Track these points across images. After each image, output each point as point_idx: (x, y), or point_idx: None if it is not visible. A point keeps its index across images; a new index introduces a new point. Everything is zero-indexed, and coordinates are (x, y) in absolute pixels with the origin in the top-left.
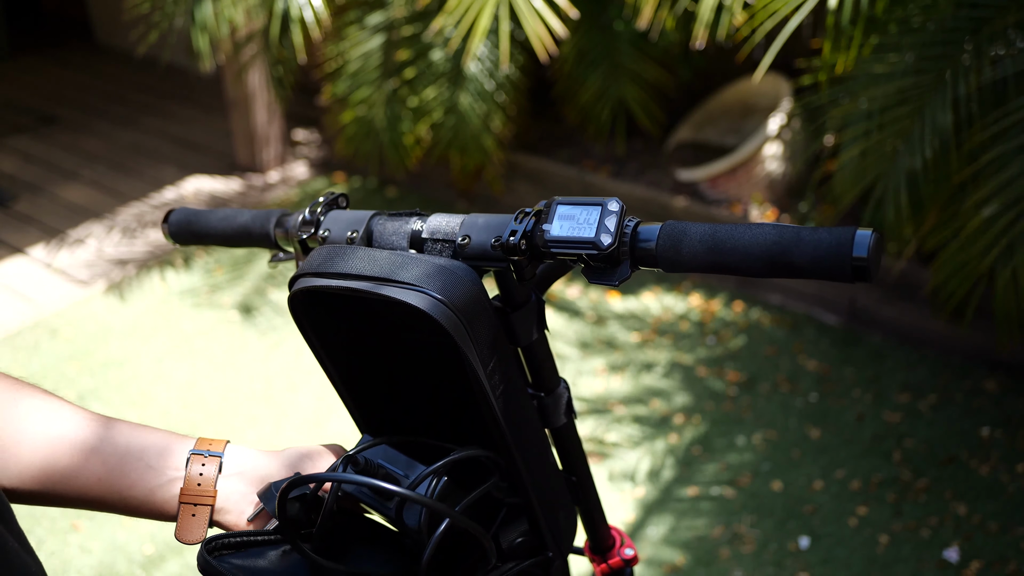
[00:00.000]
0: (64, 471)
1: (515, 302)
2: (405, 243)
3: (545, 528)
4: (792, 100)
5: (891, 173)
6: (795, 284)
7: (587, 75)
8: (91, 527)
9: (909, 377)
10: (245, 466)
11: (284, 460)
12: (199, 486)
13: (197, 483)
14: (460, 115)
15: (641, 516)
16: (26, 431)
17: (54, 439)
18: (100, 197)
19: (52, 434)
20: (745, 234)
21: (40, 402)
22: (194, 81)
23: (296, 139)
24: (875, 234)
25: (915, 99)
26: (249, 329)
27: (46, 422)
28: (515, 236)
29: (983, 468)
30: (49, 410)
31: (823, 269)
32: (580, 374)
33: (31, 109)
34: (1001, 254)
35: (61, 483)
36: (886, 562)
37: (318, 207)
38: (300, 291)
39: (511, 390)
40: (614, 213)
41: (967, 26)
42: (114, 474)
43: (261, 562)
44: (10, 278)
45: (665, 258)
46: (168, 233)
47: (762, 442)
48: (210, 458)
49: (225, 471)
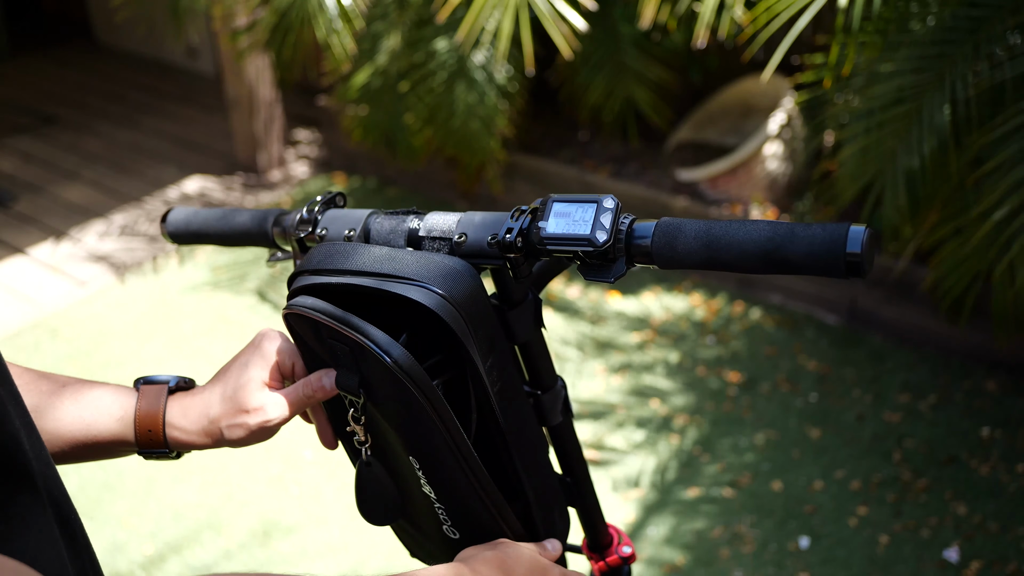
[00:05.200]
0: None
1: (512, 299)
2: (402, 241)
3: (540, 525)
4: (792, 99)
5: (890, 172)
6: (795, 284)
7: (593, 77)
8: (91, 527)
9: (909, 377)
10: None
11: (221, 378)
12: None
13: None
14: (463, 116)
15: (641, 516)
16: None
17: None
18: (100, 197)
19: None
20: (740, 230)
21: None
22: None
23: (296, 139)
24: (869, 230)
25: (913, 98)
26: (249, 329)
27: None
28: (511, 234)
29: (983, 468)
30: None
31: (817, 265)
32: (580, 375)
33: (31, 109)
34: (1000, 253)
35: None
36: (886, 562)
37: (315, 206)
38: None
39: (508, 388)
40: (609, 210)
41: (966, 26)
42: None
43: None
44: (10, 278)
45: (660, 255)
46: (166, 233)
47: (762, 442)
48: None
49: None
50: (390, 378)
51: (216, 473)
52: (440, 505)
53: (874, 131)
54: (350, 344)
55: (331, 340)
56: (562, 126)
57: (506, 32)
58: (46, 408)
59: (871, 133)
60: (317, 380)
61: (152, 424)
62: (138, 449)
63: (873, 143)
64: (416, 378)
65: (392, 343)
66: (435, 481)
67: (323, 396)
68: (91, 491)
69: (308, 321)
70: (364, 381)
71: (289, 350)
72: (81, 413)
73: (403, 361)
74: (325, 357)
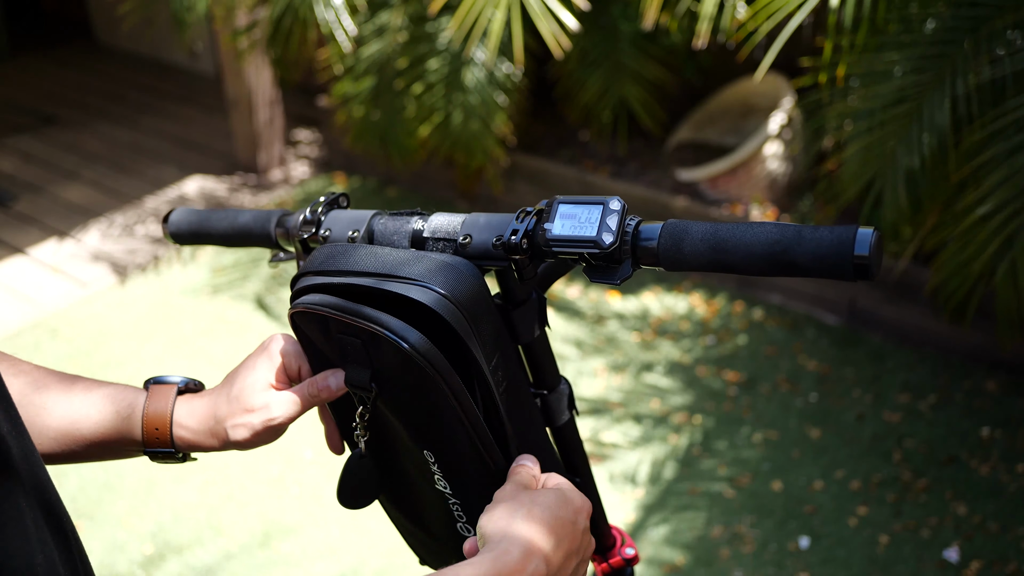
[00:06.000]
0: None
1: (516, 300)
2: (406, 242)
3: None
4: (792, 99)
5: (890, 172)
6: (795, 284)
7: (589, 75)
8: (91, 527)
9: (909, 377)
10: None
11: (225, 385)
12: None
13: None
14: (462, 116)
15: (641, 516)
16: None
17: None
18: (100, 197)
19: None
20: (747, 233)
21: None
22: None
23: (296, 139)
24: (877, 233)
25: (913, 98)
26: (250, 329)
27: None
28: (516, 235)
29: (983, 468)
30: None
31: (825, 268)
32: (580, 374)
33: (31, 109)
34: (999, 252)
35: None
36: (886, 562)
37: (319, 207)
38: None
39: (514, 388)
40: (616, 212)
41: (966, 25)
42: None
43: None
44: (10, 278)
45: (667, 257)
46: (168, 233)
47: (762, 442)
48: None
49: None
50: (406, 366)
51: (216, 473)
52: (455, 500)
53: (875, 130)
54: (363, 336)
55: (341, 335)
56: (562, 126)
57: (497, 28)
58: (55, 403)
59: (872, 133)
60: (323, 380)
61: (160, 423)
62: (144, 448)
63: (874, 143)
64: (435, 362)
65: (407, 328)
66: (450, 473)
67: (328, 396)
68: (91, 491)
69: (316, 318)
70: (376, 375)
71: (295, 352)
72: (89, 410)
73: (421, 345)
74: (333, 357)
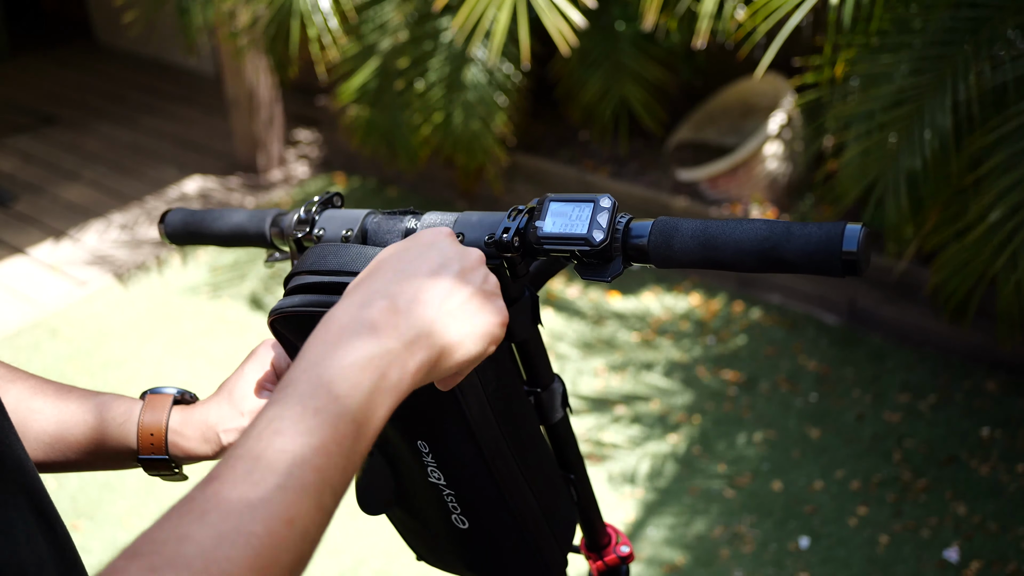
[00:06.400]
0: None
1: (509, 298)
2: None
3: (544, 527)
4: (792, 99)
5: (891, 173)
6: (795, 284)
7: (589, 75)
8: (91, 527)
9: (909, 377)
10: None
11: (225, 392)
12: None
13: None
14: (463, 115)
15: (641, 516)
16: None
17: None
18: (100, 197)
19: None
20: (736, 230)
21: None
22: (195, 81)
23: (296, 139)
24: (865, 229)
25: (914, 99)
26: (249, 329)
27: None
28: (508, 233)
29: (983, 468)
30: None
31: (813, 263)
32: (580, 374)
33: (31, 109)
34: (999, 249)
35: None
36: (886, 562)
37: (313, 206)
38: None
39: (507, 386)
40: (606, 209)
41: (966, 27)
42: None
43: None
44: (10, 278)
45: (657, 254)
46: (165, 233)
47: (762, 442)
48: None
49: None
50: None
51: None
52: (450, 491)
53: (876, 132)
54: None
55: None
56: (562, 126)
57: (501, 27)
58: (49, 409)
59: (873, 134)
60: None
61: (155, 429)
62: (138, 456)
63: (875, 144)
64: None
65: None
66: (445, 464)
67: None
68: (91, 491)
69: (296, 320)
70: None
71: (284, 356)
72: (85, 415)
73: None
74: None
